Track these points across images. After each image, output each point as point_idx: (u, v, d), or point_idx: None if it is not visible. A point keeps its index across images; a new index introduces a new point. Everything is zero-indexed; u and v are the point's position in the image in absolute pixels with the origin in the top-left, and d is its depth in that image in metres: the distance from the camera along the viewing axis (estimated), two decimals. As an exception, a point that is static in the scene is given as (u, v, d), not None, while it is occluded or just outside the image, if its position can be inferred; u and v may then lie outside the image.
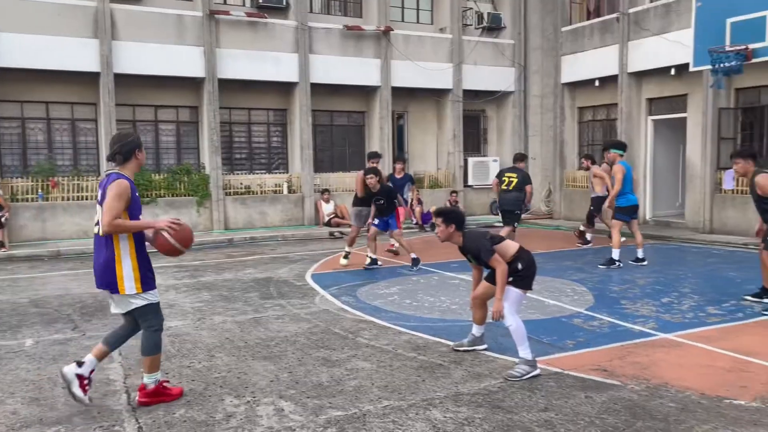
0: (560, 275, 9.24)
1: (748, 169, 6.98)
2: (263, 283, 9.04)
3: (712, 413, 4.18)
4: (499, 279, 4.91)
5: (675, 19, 13.93)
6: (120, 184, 4.22)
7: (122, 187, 4.21)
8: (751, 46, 10.90)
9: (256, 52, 15.24)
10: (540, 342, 5.85)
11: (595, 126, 17.18)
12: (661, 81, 14.85)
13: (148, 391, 4.44)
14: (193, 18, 14.64)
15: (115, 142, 4.40)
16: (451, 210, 5.27)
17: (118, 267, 4.27)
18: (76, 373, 4.33)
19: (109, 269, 4.28)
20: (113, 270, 4.27)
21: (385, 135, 16.94)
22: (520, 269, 5.02)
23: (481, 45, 18.04)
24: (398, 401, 4.46)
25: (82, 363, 4.39)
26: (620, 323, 6.50)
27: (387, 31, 16.58)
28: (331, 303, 7.64)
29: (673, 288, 8.21)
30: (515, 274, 5.02)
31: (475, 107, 18.78)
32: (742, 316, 6.70)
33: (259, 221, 15.55)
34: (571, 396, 4.52)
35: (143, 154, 4.54)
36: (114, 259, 4.26)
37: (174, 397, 4.53)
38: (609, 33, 15.81)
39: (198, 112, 15.59)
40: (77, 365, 4.37)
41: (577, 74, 16.89)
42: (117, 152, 4.35)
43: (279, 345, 5.88)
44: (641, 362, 5.25)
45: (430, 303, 7.60)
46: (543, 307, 7.26)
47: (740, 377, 4.87)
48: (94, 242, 4.42)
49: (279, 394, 4.62)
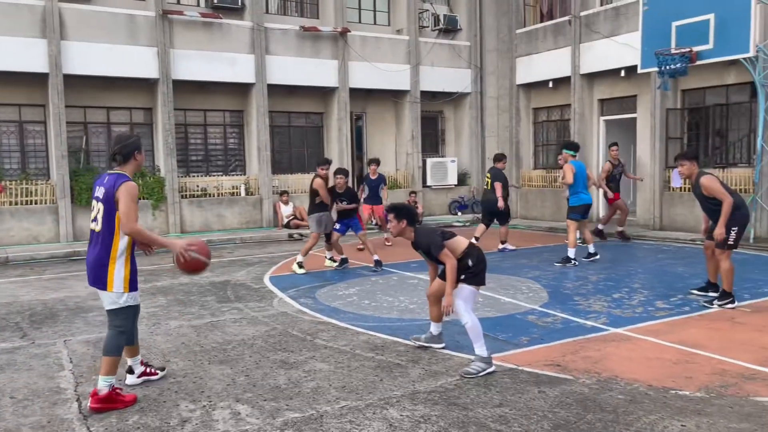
0: (516, 273, 9.40)
1: (693, 171, 7.23)
2: (220, 286, 8.94)
3: (658, 404, 4.33)
4: (449, 274, 5.01)
5: (624, 22, 14.33)
6: (130, 186, 4.38)
7: (134, 190, 4.41)
8: (696, 49, 11.28)
9: (212, 53, 15.05)
10: (495, 339, 5.96)
11: (550, 126, 17.53)
12: (611, 82, 15.26)
13: (101, 396, 4.37)
14: (146, 18, 14.37)
15: (115, 144, 4.60)
16: (403, 206, 5.37)
17: (111, 266, 4.41)
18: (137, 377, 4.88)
19: (102, 267, 4.41)
20: (105, 268, 4.41)
21: (343, 136, 16.94)
22: (470, 265, 5.11)
23: (437, 47, 18.20)
24: (355, 401, 4.48)
25: (131, 369, 4.87)
26: (573, 319, 6.66)
27: (344, 33, 16.58)
28: (290, 305, 7.61)
29: (624, 284, 8.45)
30: (466, 270, 5.11)
31: (432, 108, 18.94)
32: (689, 310, 6.94)
33: (216, 224, 15.37)
34: (525, 391, 4.62)
35: (142, 155, 4.69)
36: (108, 258, 4.40)
37: (127, 404, 4.46)
38: (562, 35, 16.16)
39: (152, 113, 15.30)
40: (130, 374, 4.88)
41: (532, 76, 17.21)
42: (117, 153, 4.53)
43: (236, 348, 5.83)
44: (593, 356, 5.39)
45: (389, 303, 7.64)
46: (499, 305, 7.38)
47: (686, 369, 5.05)
48: (90, 239, 4.53)
49: (235, 398, 4.59)
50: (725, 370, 4.97)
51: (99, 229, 4.43)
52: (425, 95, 18.14)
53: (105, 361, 4.43)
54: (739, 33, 10.72)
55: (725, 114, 13.25)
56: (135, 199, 4.37)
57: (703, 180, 7.02)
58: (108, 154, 4.56)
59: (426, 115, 18.59)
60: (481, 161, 19.09)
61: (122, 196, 4.32)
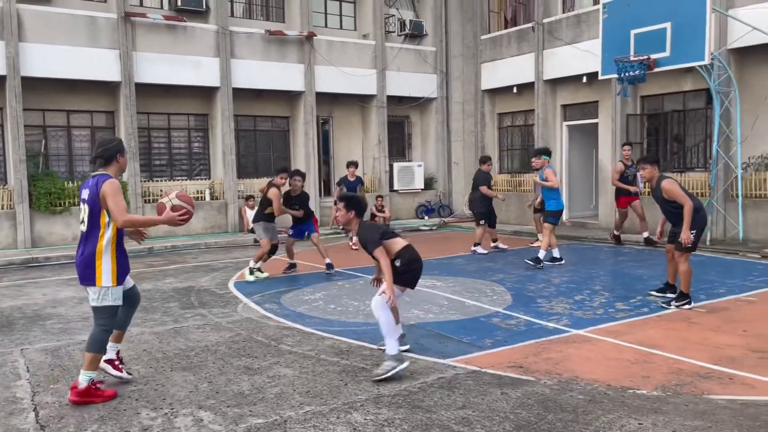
0: (481, 276, 9.50)
1: (654, 174, 7.42)
2: (184, 292, 8.82)
3: (616, 403, 4.43)
4: (385, 269, 5.10)
5: (585, 29, 14.63)
6: (111, 182, 4.55)
7: (116, 184, 4.57)
8: (654, 56, 11.58)
9: (176, 56, 14.87)
10: (460, 342, 6.01)
11: (514, 131, 17.78)
12: (574, 88, 15.55)
13: (80, 390, 4.52)
14: (107, 20, 14.13)
15: (97, 147, 4.75)
16: (353, 196, 5.48)
17: (97, 261, 4.56)
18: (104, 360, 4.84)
19: (90, 263, 4.56)
20: (93, 264, 4.55)
21: (310, 140, 16.90)
22: (398, 266, 5.20)
23: (404, 52, 18.31)
24: (319, 406, 4.48)
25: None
26: (536, 321, 6.76)
27: (310, 37, 16.56)
28: (254, 311, 7.55)
29: (585, 286, 8.61)
30: (394, 270, 5.19)
31: (399, 113, 19.03)
32: (648, 311, 7.11)
33: (180, 229, 15.14)
34: (488, 393, 4.67)
35: (125, 158, 4.85)
36: (95, 254, 4.55)
37: (105, 399, 4.58)
38: (525, 42, 16.41)
39: (114, 117, 15.04)
40: None
41: (497, 81, 17.43)
42: (98, 156, 4.70)
43: (199, 355, 5.77)
44: (554, 358, 5.49)
45: (355, 307, 7.64)
46: (463, 308, 7.45)
47: (643, 368, 5.17)
48: (80, 239, 4.68)
49: (198, 405, 4.55)
50: (681, 370, 5.11)
51: (85, 229, 4.62)
52: (392, 100, 18.22)
53: (87, 356, 4.60)
54: (694, 41, 11.05)
55: (683, 120, 13.63)
56: (120, 193, 4.55)
57: (664, 183, 7.21)
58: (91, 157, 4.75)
59: (393, 119, 18.67)
60: (447, 165, 19.26)
61: (107, 193, 4.49)
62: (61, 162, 14.61)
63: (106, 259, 4.58)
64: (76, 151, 14.86)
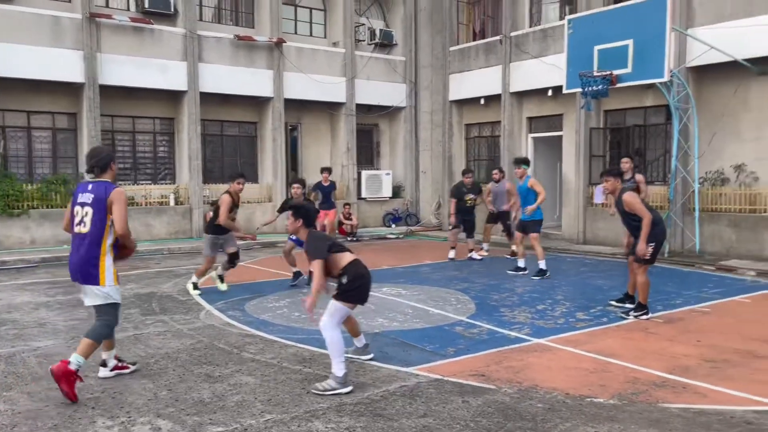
0: (446, 285, 9.57)
1: (617, 186, 7.61)
2: (145, 298, 8.68)
3: (574, 411, 4.51)
4: (315, 281, 5.06)
5: (551, 43, 14.92)
6: (122, 193, 4.97)
7: (125, 194, 5.01)
8: (616, 72, 11.88)
9: (142, 59, 14.68)
10: (423, 350, 6.05)
11: (481, 142, 17.99)
12: (539, 101, 15.82)
13: (67, 369, 4.67)
14: (72, 20, 13.89)
15: (92, 157, 5.12)
16: (302, 206, 5.46)
17: (102, 263, 4.90)
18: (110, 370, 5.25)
19: (94, 265, 4.88)
20: (97, 265, 4.88)
21: (278, 146, 16.83)
22: (344, 283, 5.15)
23: (373, 60, 18.40)
24: (281, 414, 4.45)
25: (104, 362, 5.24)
26: (498, 330, 6.84)
27: (279, 43, 16.52)
28: (217, 318, 7.48)
29: (548, 296, 8.74)
30: (340, 287, 5.18)
31: (368, 121, 19.09)
32: (607, 321, 7.26)
33: (143, 234, 14.90)
34: (449, 401, 4.71)
35: (116, 165, 5.24)
36: (99, 256, 4.89)
37: (70, 394, 4.66)
38: (493, 54, 16.65)
39: (77, 119, 14.76)
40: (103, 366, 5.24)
41: (464, 92, 17.63)
42: (95, 165, 5.06)
43: (159, 362, 5.69)
44: (515, 366, 5.56)
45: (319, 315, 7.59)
46: (428, 316, 7.50)
47: (601, 377, 5.28)
48: (76, 240, 4.97)
49: (156, 413, 4.48)
50: (637, 378, 5.23)
51: (87, 230, 4.90)
52: (361, 108, 18.27)
53: (85, 342, 4.85)
54: (655, 59, 11.36)
55: (644, 134, 13.97)
56: (126, 203, 4.98)
57: (626, 197, 7.41)
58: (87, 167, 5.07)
59: (361, 127, 18.72)
60: (415, 174, 19.37)
61: (117, 201, 4.90)
62: (21, 164, 14.27)
63: (109, 260, 4.93)
64: (36, 153, 14.52)
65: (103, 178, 5.07)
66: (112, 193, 4.93)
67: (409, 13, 19.01)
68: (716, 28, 11.83)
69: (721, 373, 5.37)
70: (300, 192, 9.91)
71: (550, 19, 15.83)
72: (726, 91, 12.21)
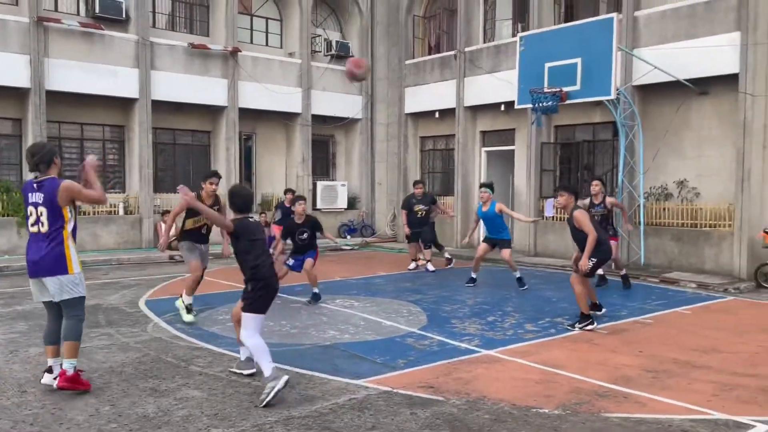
0: (398, 297, 9.62)
1: (570, 202, 7.80)
2: (90, 310, 8.38)
3: (520, 422, 4.59)
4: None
5: (504, 59, 15.24)
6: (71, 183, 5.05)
7: (75, 184, 5.09)
8: (565, 89, 12.20)
9: (92, 65, 14.35)
10: (374, 362, 6.06)
11: (436, 155, 18.19)
12: (493, 116, 16.12)
13: (69, 376, 4.88)
14: (18, 23, 13.49)
15: (33, 154, 5.07)
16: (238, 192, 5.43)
17: (67, 251, 4.98)
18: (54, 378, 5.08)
19: (59, 255, 4.94)
20: (63, 255, 4.95)
21: (231, 156, 16.66)
22: (249, 290, 5.21)
23: (329, 72, 18.43)
24: (227, 429, 4.40)
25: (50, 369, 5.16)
26: (449, 341, 6.91)
27: (234, 52, 16.40)
28: (165, 330, 7.33)
29: (498, 308, 8.88)
30: (245, 295, 5.22)
31: (324, 132, 19.08)
32: (554, 332, 7.42)
33: (90, 244, 14.49)
34: (398, 413, 4.73)
35: (59, 160, 5.22)
36: (63, 245, 4.97)
37: (86, 388, 4.97)
38: (448, 68, 16.90)
39: (22, 124, 14.30)
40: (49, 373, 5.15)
41: (419, 105, 17.83)
42: (39, 162, 5.04)
43: (103, 377, 5.53)
44: (464, 378, 5.63)
45: (270, 328, 7.53)
46: (379, 328, 7.52)
47: (547, 388, 5.39)
48: (33, 240, 5.01)
49: (98, 429, 4.36)
50: (581, 389, 5.36)
51: (46, 230, 4.95)
52: (317, 119, 18.26)
53: (68, 345, 4.97)
54: (602, 77, 11.72)
55: (592, 150, 14.38)
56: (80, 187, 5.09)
57: (576, 213, 7.64)
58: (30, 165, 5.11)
59: (317, 138, 18.70)
60: (371, 186, 19.42)
61: (72, 192, 5.01)
62: (-40, 170, 13.74)
63: (72, 248, 5.02)
64: (-23, 159, 14.00)
65: (49, 174, 5.05)
66: (62, 188, 4.95)
67: (366, 25, 19.14)
68: (660, 49, 12.31)
69: (660, 382, 5.55)
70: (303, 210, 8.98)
71: (503, 35, 16.17)
72: (669, 109, 12.69)
